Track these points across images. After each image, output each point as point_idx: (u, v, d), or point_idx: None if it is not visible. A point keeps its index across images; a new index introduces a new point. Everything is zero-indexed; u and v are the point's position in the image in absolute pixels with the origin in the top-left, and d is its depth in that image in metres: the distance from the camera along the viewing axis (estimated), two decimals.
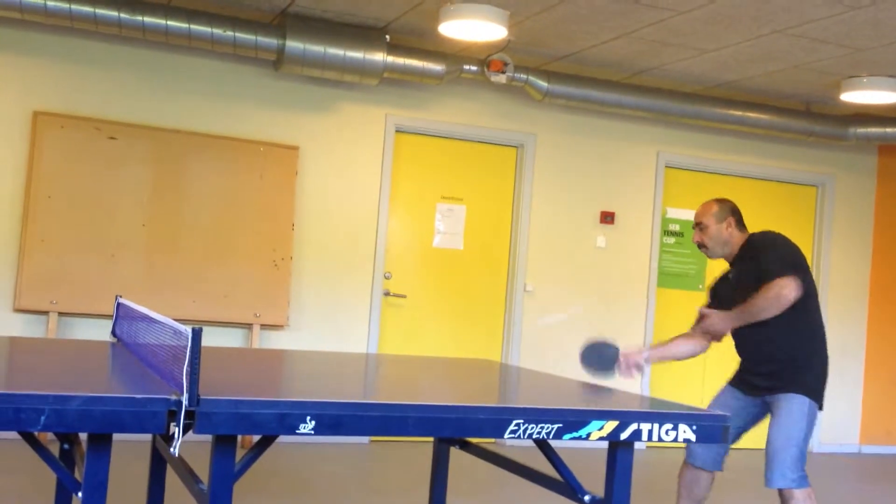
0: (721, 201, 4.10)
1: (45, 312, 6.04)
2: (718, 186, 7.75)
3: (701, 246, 4.12)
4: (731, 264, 4.10)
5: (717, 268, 7.91)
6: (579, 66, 6.89)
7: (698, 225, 4.09)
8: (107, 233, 6.19)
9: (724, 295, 4.09)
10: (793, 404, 3.84)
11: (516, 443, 7.04)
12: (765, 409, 4.04)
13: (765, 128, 7.48)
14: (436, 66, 6.50)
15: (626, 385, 7.48)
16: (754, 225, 4.07)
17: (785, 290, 3.72)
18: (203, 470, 2.44)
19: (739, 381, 4.09)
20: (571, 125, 7.43)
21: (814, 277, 4.26)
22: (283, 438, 6.42)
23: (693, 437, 2.56)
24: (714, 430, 2.58)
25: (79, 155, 6.15)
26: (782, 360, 3.92)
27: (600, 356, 3.83)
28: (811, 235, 8.11)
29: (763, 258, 3.86)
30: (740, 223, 4.08)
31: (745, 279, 3.93)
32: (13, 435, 3.29)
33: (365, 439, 6.81)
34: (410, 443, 6.80)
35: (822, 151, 8.12)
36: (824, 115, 7.57)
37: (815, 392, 3.89)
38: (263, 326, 6.51)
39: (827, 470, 7.19)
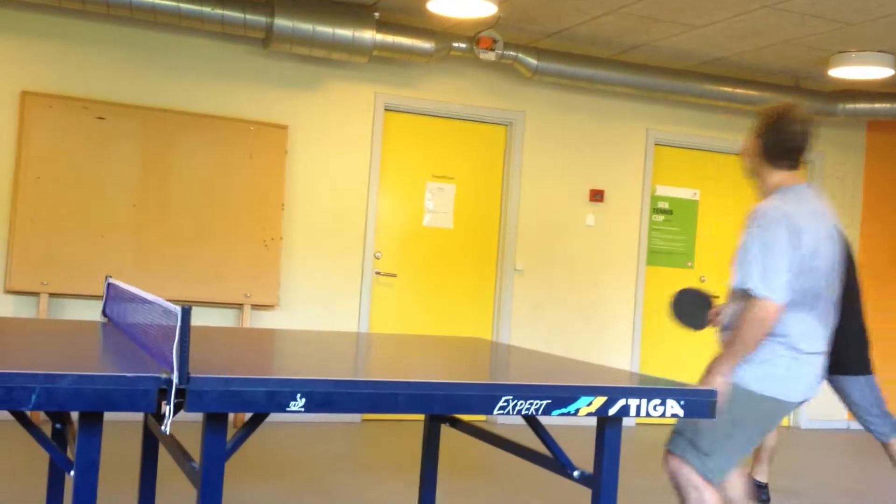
0: None
1: (36, 293, 6.04)
2: (707, 163, 7.75)
3: None
4: None
5: (706, 245, 7.96)
6: (569, 43, 6.87)
7: None
8: (96, 213, 6.17)
9: None
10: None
11: (507, 421, 7.08)
12: None
13: (754, 104, 7.48)
14: (425, 44, 6.48)
15: (616, 362, 7.53)
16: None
17: None
18: (195, 448, 2.45)
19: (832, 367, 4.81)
20: (561, 103, 7.42)
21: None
22: (275, 418, 6.45)
23: (681, 413, 2.58)
24: (701, 406, 2.60)
25: (67, 135, 6.12)
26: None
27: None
28: None
29: None
30: None
31: None
32: (6, 416, 3.31)
33: (357, 418, 6.84)
34: (401, 422, 6.83)
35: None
36: (813, 92, 7.58)
37: None
38: (254, 306, 6.52)
39: (815, 446, 7.26)
